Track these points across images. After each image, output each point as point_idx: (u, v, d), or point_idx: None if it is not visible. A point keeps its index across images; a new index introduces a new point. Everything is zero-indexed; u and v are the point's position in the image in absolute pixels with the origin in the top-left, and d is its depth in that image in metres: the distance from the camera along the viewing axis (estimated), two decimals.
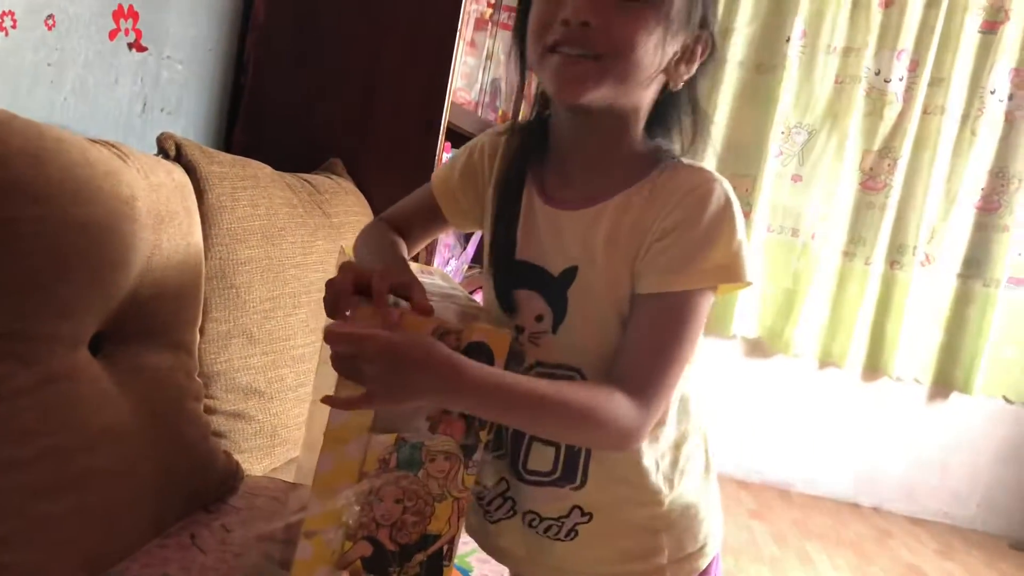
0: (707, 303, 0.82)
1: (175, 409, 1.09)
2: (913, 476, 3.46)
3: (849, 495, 3.50)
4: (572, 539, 0.91)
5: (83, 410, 0.89)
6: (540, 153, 0.91)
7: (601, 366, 0.84)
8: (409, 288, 0.77)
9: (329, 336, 0.71)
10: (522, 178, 0.90)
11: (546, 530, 0.92)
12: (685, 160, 0.86)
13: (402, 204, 1.07)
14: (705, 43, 0.84)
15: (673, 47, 0.81)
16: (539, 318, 0.86)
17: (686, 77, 0.84)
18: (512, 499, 0.93)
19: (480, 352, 0.78)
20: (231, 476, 1.19)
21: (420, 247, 1.07)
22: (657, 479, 0.89)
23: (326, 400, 0.74)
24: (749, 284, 0.82)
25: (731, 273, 0.80)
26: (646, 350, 0.81)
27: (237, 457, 1.27)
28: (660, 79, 0.84)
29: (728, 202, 0.81)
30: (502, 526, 0.95)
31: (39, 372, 0.84)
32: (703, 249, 0.79)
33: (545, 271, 0.86)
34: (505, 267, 0.89)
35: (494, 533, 0.97)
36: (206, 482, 1.13)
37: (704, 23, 0.83)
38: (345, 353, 0.72)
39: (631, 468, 0.88)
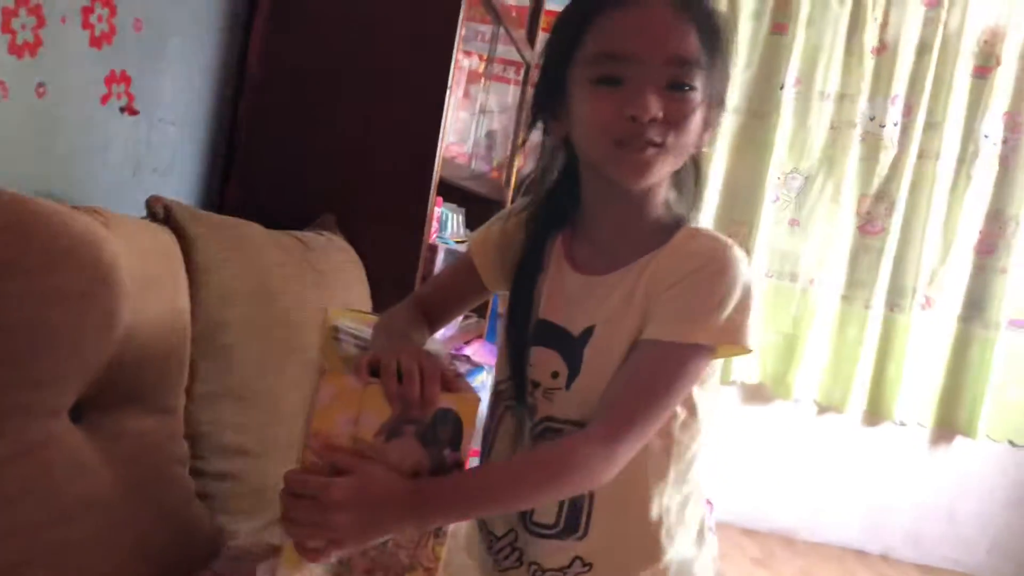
0: (702, 362, 0.84)
1: (158, 475, 1.09)
2: (920, 522, 3.41)
3: (855, 542, 3.44)
4: None
5: (60, 480, 0.89)
6: (565, 219, 0.96)
7: None
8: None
9: (290, 482, 0.75)
10: (544, 242, 0.95)
11: None
12: (702, 228, 0.90)
13: (437, 276, 1.12)
14: (719, 112, 0.89)
15: (702, 119, 0.86)
16: (555, 375, 0.90)
17: (707, 140, 0.90)
18: (520, 549, 0.96)
19: (447, 419, 0.78)
20: (214, 540, 1.18)
21: (454, 319, 1.10)
22: (659, 533, 0.91)
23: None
24: (749, 351, 0.85)
25: (732, 336, 0.82)
26: (631, 390, 0.83)
27: (224, 518, 1.26)
28: None
29: (739, 269, 0.83)
30: (510, 575, 0.98)
31: (14, 443, 0.84)
32: (708, 308, 0.82)
33: (565, 331, 0.90)
34: (526, 326, 0.93)
35: None
36: (188, 548, 1.12)
37: (723, 97, 0.89)
38: (302, 504, 0.74)
39: (635, 521, 0.91)
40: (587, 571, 0.92)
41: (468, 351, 2.33)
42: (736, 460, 3.39)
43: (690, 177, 0.92)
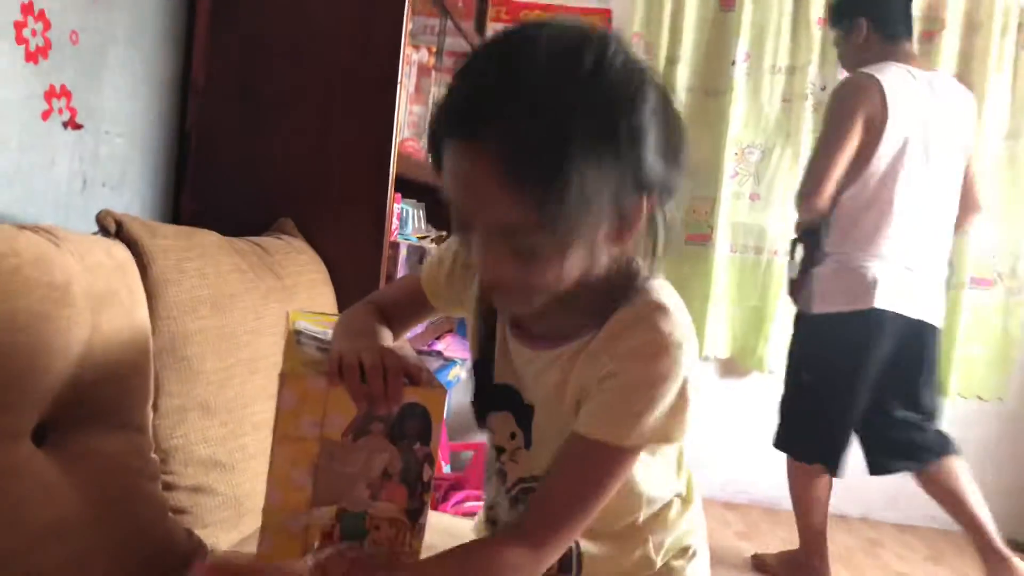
0: (634, 459, 0.82)
1: (129, 493, 1.07)
2: (897, 483, 3.45)
3: (835, 507, 3.47)
4: None
5: (26, 508, 0.87)
6: None
7: None
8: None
9: None
10: (494, 323, 0.91)
11: None
12: (643, 308, 0.79)
13: (391, 289, 1.10)
14: (648, 196, 0.74)
15: (599, 240, 0.74)
16: (512, 435, 0.89)
17: (631, 239, 0.76)
18: None
19: (414, 414, 0.77)
20: (192, 554, 1.16)
21: (406, 332, 1.08)
22: (649, 547, 0.93)
23: None
24: (678, 442, 0.84)
25: (661, 437, 0.80)
26: (559, 493, 0.81)
27: (202, 532, 1.24)
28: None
29: (676, 369, 0.76)
30: None
31: None
32: (639, 412, 0.77)
33: (518, 394, 0.89)
34: (484, 390, 0.92)
35: None
36: (165, 566, 1.10)
37: (640, 184, 0.72)
38: None
39: (628, 540, 0.92)
40: None
41: (440, 346, 2.32)
42: (715, 435, 3.41)
43: (644, 243, 0.79)
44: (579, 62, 0.67)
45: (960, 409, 3.37)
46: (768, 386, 3.44)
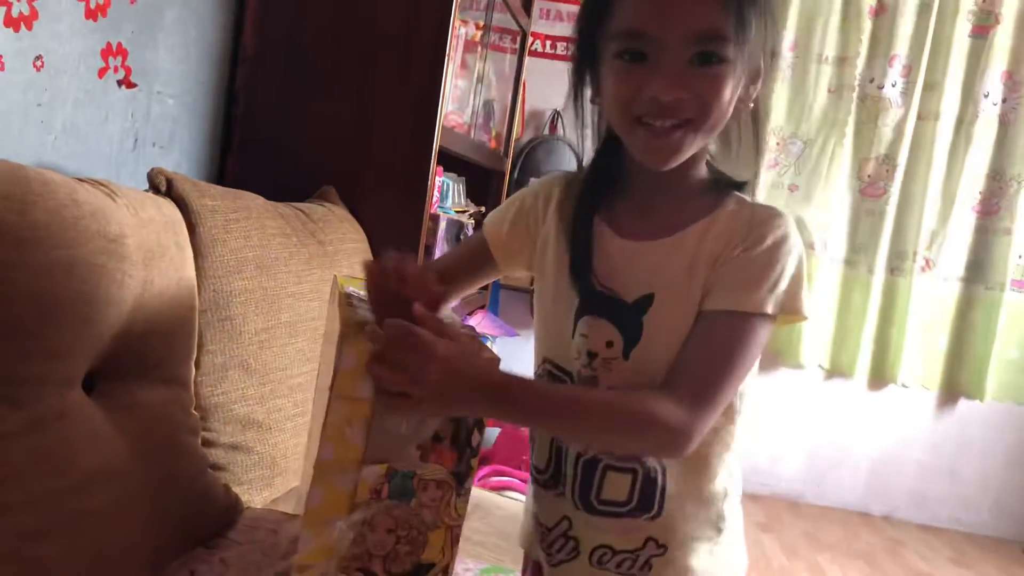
0: (766, 331, 0.84)
1: (171, 445, 1.09)
2: (923, 483, 3.43)
3: (860, 505, 3.47)
4: (647, 573, 0.91)
5: (74, 451, 0.89)
6: (607, 191, 0.93)
7: None
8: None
9: (394, 330, 0.73)
10: (592, 216, 0.91)
11: (618, 565, 0.91)
12: (750, 199, 0.89)
13: (451, 251, 1.13)
14: (769, 62, 0.86)
15: (745, 80, 0.84)
16: (609, 344, 0.88)
17: (755, 96, 0.87)
18: (575, 538, 0.93)
19: None
20: (230, 509, 1.19)
21: (466, 293, 1.09)
22: (723, 505, 0.92)
23: (378, 401, 0.75)
24: (805, 318, 0.86)
25: (792, 304, 0.84)
26: (702, 360, 0.83)
27: (237, 489, 1.27)
28: None
29: (794, 240, 0.85)
30: (563, 569, 0.94)
31: (29, 415, 0.84)
32: (771, 279, 0.82)
33: (618, 299, 0.88)
34: (583, 295, 0.90)
35: None
36: (204, 517, 1.13)
37: (770, 40, 0.85)
38: (403, 347, 0.72)
39: (704, 496, 0.91)
40: (661, 553, 0.90)
41: (472, 322, 2.33)
42: (743, 427, 3.40)
43: (737, 132, 0.89)
44: None
45: (993, 412, 3.33)
46: (799, 380, 3.43)
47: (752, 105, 0.87)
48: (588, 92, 0.90)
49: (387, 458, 0.78)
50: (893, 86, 3.20)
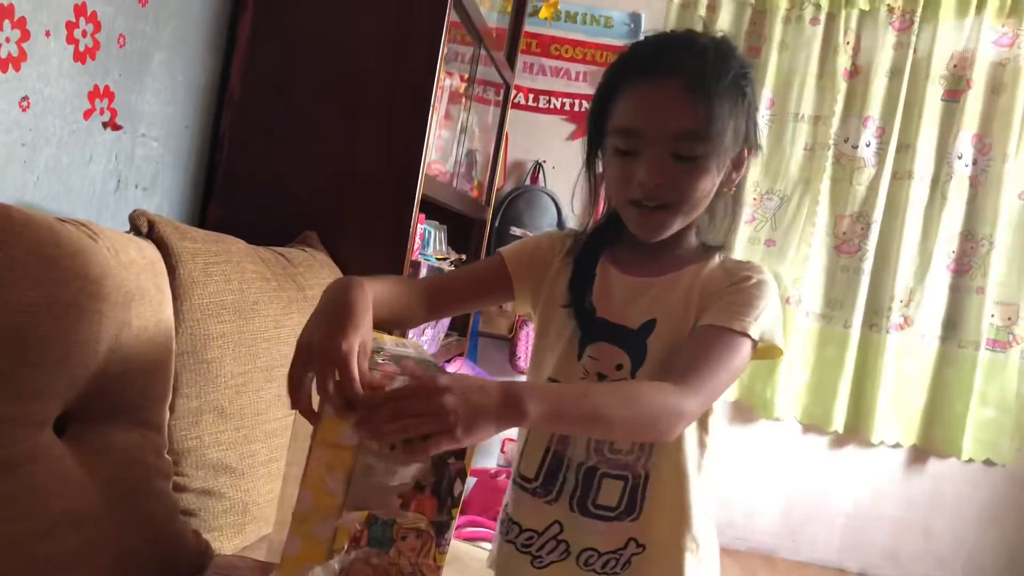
0: (747, 352, 0.95)
1: (142, 489, 1.08)
2: (898, 540, 3.43)
3: (834, 561, 3.45)
4: (626, 570, 1.01)
5: (44, 494, 0.88)
6: (612, 241, 1.08)
7: None
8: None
9: (387, 394, 0.75)
10: (598, 254, 1.06)
11: (604, 565, 1.01)
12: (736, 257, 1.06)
13: (458, 269, 1.14)
14: (750, 148, 1.01)
15: (726, 168, 0.98)
16: (619, 366, 1.00)
17: (737, 180, 1.02)
18: (566, 541, 1.02)
19: None
20: (200, 555, 1.17)
21: (465, 310, 1.14)
22: (694, 518, 1.01)
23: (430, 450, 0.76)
24: (782, 352, 1.01)
25: (770, 334, 0.97)
26: (693, 354, 0.94)
27: (207, 536, 1.25)
28: None
29: (772, 286, 1.00)
30: (552, 570, 1.03)
31: (0, 455, 0.83)
32: (755, 307, 0.96)
33: (623, 327, 1.01)
34: (586, 326, 1.02)
35: None
36: (173, 563, 1.11)
37: (748, 136, 1.00)
38: (410, 399, 0.74)
39: (678, 505, 1.01)
40: (641, 552, 1.00)
41: (451, 369, 2.33)
42: (718, 479, 3.39)
43: (723, 209, 1.03)
44: (725, 41, 0.98)
45: (966, 470, 3.35)
46: (774, 434, 3.44)
47: (734, 190, 1.02)
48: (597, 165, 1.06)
49: (368, 506, 0.78)
50: (868, 146, 3.27)
